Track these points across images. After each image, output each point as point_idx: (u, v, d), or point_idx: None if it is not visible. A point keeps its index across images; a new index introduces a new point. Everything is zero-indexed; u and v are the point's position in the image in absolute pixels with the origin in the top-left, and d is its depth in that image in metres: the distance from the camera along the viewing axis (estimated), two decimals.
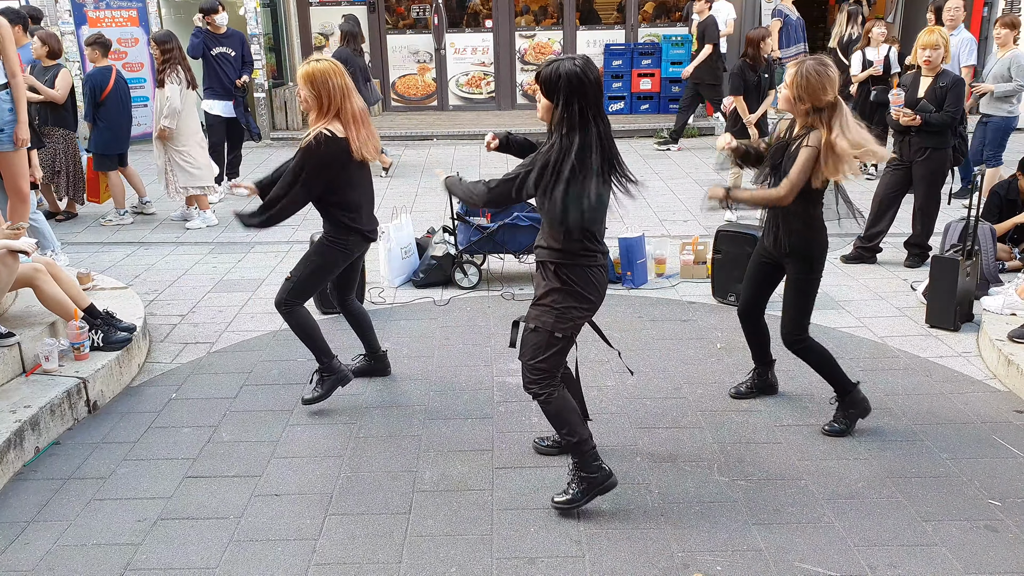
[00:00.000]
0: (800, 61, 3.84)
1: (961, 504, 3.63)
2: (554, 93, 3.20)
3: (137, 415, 4.52)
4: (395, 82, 14.12)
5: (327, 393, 4.48)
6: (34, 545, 3.46)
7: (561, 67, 3.18)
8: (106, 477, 3.94)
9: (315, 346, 4.42)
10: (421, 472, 3.93)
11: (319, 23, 13.84)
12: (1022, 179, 6.53)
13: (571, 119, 3.19)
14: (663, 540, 3.41)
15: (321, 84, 4.06)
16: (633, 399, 4.59)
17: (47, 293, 4.69)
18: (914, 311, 5.74)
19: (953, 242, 5.85)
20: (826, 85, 3.75)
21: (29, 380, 4.48)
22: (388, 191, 9.37)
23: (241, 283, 6.47)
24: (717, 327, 5.56)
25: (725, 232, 6.03)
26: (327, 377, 4.48)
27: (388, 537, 3.47)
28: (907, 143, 6.32)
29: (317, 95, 4.07)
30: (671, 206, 8.55)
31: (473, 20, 14.15)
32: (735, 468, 3.93)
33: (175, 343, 5.44)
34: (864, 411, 4.21)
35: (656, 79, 13.22)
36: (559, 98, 3.18)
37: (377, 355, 4.85)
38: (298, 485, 3.84)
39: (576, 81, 3.15)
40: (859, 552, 3.33)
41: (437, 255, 6.36)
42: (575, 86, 3.15)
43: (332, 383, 4.49)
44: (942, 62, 6.12)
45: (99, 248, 7.50)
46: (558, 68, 3.18)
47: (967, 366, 4.96)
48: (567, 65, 3.18)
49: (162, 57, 7.65)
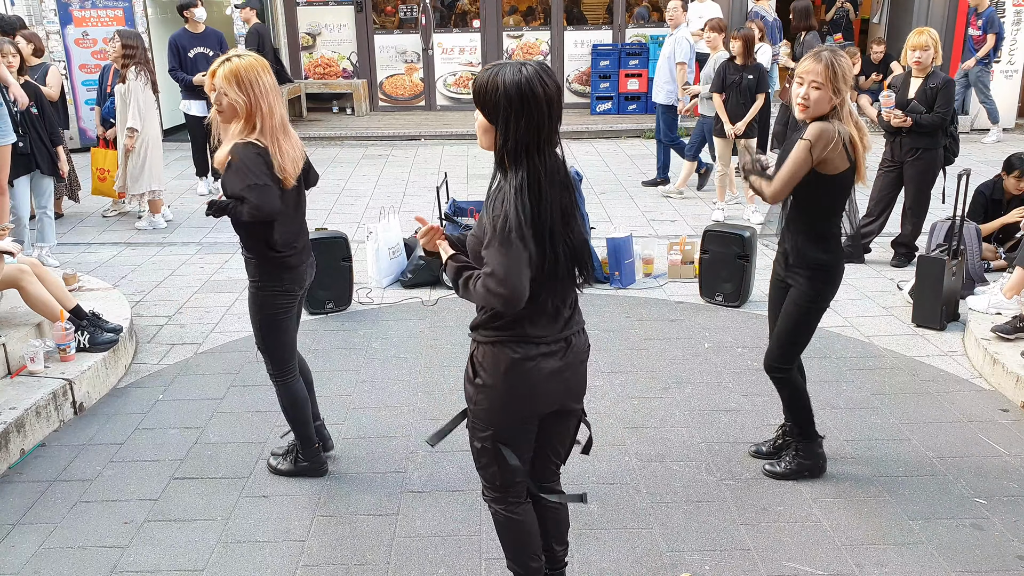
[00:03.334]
0: (815, 57, 3.42)
1: (948, 502, 3.65)
2: (492, 110, 2.36)
3: (123, 416, 4.49)
4: (383, 82, 14.10)
5: (290, 472, 3.91)
6: (20, 548, 3.43)
7: (501, 75, 2.33)
8: (92, 479, 3.92)
9: (297, 430, 3.85)
10: (410, 473, 3.92)
11: (306, 23, 13.80)
12: (1007, 179, 6.57)
13: (514, 150, 2.36)
14: (651, 540, 3.42)
15: (250, 85, 3.33)
16: (621, 399, 4.59)
17: (32, 294, 4.66)
18: (900, 310, 5.77)
19: (939, 242, 5.89)
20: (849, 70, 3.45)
21: (14, 382, 4.44)
22: (376, 191, 9.36)
23: (228, 284, 6.44)
24: (705, 327, 5.57)
25: (713, 232, 6.04)
26: (300, 462, 3.90)
27: (376, 538, 3.46)
28: (898, 144, 6.35)
29: (248, 99, 3.33)
30: (659, 206, 8.57)
31: (461, 20, 14.15)
32: (723, 468, 3.93)
33: (162, 344, 5.41)
34: (816, 470, 3.83)
35: (644, 79, 13.23)
36: (498, 118, 2.35)
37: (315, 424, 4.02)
38: (286, 486, 3.83)
39: (519, 96, 2.31)
40: (847, 551, 3.34)
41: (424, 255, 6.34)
42: (517, 103, 2.31)
43: (301, 469, 3.90)
44: (932, 63, 6.15)
45: (85, 248, 7.45)
46: (496, 76, 2.33)
47: (953, 365, 4.99)
48: (509, 73, 2.32)
49: (122, 52, 7.53)
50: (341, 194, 9.27)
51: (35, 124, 6.59)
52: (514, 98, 2.31)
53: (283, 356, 3.71)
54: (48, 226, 6.91)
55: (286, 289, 3.60)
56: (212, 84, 3.41)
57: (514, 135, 2.34)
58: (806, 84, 3.43)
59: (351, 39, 13.82)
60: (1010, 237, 6.58)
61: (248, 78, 3.33)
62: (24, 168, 6.54)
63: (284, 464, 3.93)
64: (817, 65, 3.39)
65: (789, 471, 3.84)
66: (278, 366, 3.71)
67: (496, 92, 2.33)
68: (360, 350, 5.26)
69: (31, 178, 6.69)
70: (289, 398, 3.76)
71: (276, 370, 3.72)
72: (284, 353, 3.71)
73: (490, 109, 2.36)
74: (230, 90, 3.32)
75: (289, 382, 3.74)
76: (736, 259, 5.85)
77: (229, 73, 3.33)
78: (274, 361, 3.70)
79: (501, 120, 2.34)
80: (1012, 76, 12.05)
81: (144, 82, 7.61)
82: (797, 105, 3.48)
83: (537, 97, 2.32)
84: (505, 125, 2.34)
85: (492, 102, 2.34)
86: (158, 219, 8.06)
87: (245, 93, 3.32)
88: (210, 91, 3.45)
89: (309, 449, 3.88)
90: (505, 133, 2.34)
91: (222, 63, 3.38)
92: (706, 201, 8.57)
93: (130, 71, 7.50)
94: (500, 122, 2.34)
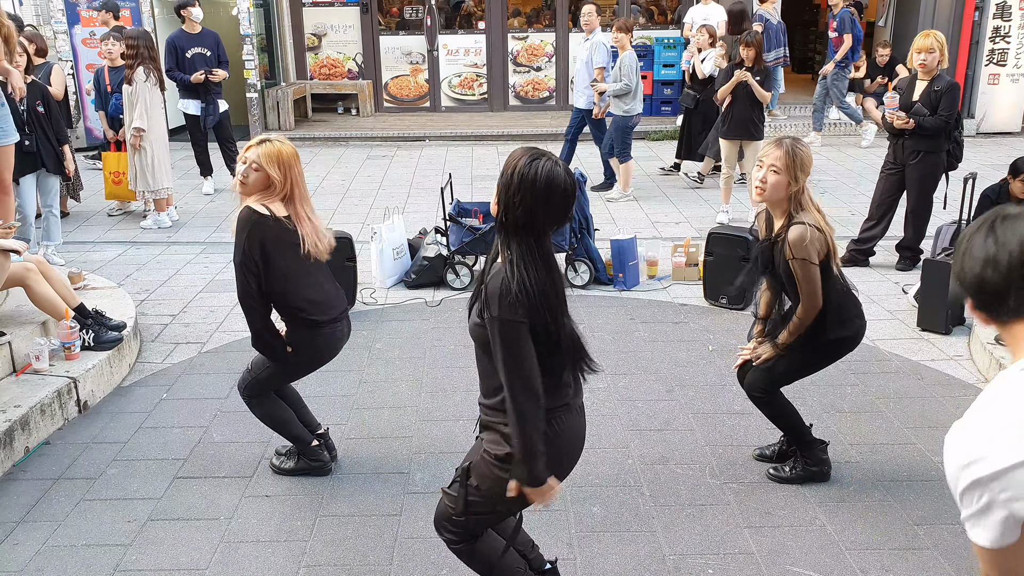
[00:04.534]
0: (776, 143, 3.44)
1: (952, 508, 3.61)
2: (504, 188, 2.38)
3: (127, 415, 4.50)
4: (388, 83, 14.11)
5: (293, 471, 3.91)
6: (23, 546, 3.44)
7: (528, 161, 2.36)
8: (96, 477, 3.92)
9: (287, 435, 3.86)
10: (412, 474, 3.92)
11: (312, 24, 13.82)
12: (1013, 183, 6.55)
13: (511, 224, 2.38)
14: (654, 543, 3.41)
15: (288, 168, 3.49)
16: (625, 401, 4.59)
17: (38, 292, 4.67)
18: (906, 314, 5.76)
19: (944, 246, 5.88)
20: (808, 160, 3.44)
21: (19, 380, 4.45)
22: (380, 192, 9.37)
23: (232, 283, 6.40)
24: (709, 329, 5.56)
25: (717, 234, 6.04)
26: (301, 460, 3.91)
27: (379, 539, 3.46)
28: (901, 146, 6.34)
29: (284, 179, 3.48)
30: (663, 207, 8.56)
31: (466, 22, 14.15)
32: (727, 471, 3.93)
33: (166, 343, 5.42)
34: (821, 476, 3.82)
35: (648, 81, 13.23)
36: (501, 192, 2.38)
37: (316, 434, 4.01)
38: (289, 486, 3.83)
39: (529, 184, 2.33)
40: (850, 556, 3.33)
41: (429, 256, 6.35)
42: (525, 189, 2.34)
43: (302, 467, 3.91)
44: (938, 66, 6.13)
45: (91, 247, 7.47)
46: (522, 160, 2.37)
47: (958, 369, 4.97)
48: (536, 163, 2.35)
49: (128, 52, 7.56)
50: (346, 195, 9.28)
51: (41, 122, 6.61)
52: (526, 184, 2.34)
53: (269, 387, 3.78)
54: (54, 225, 6.92)
55: (315, 349, 3.71)
56: (243, 157, 3.50)
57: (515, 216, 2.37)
58: (765, 168, 3.43)
59: (356, 40, 13.83)
60: None
61: (287, 161, 3.49)
62: (30, 167, 6.56)
63: (288, 463, 3.93)
64: (777, 151, 3.40)
65: (795, 476, 3.83)
66: (252, 394, 3.76)
67: (512, 173, 2.36)
68: (363, 350, 5.26)
69: (37, 176, 6.71)
70: (261, 412, 3.80)
71: (252, 392, 3.76)
72: (271, 387, 3.79)
73: (505, 187, 2.38)
74: (269, 167, 3.45)
75: (256, 403, 3.79)
76: (740, 262, 5.83)
77: (272, 153, 3.46)
78: (256, 386, 3.75)
79: (506, 198, 2.38)
80: (1018, 80, 12.03)
81: (153, 82, 7.63)
82: (755, 188, 3.47)
83: (547, 194, 2.35)
84: (509, 204, 2.37)
85: (508, 183, 2.37)
86: (163, 217, 8.07)
87: (283, 173, 3.48)
88: (240, 161, 3.53)
89: (308, 448, 3.88)
90: (507, 211, 2.38)
91: (260, 143, 3.50)
92: (711, 203, 8.56)
93: (138, 72, 7.51)
94: (505, 198, 2.38)
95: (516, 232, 2.38)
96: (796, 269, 3.43)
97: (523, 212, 2.35)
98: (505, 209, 2.38)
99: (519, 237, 2.37)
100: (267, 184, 3.48)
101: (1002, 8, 11.77)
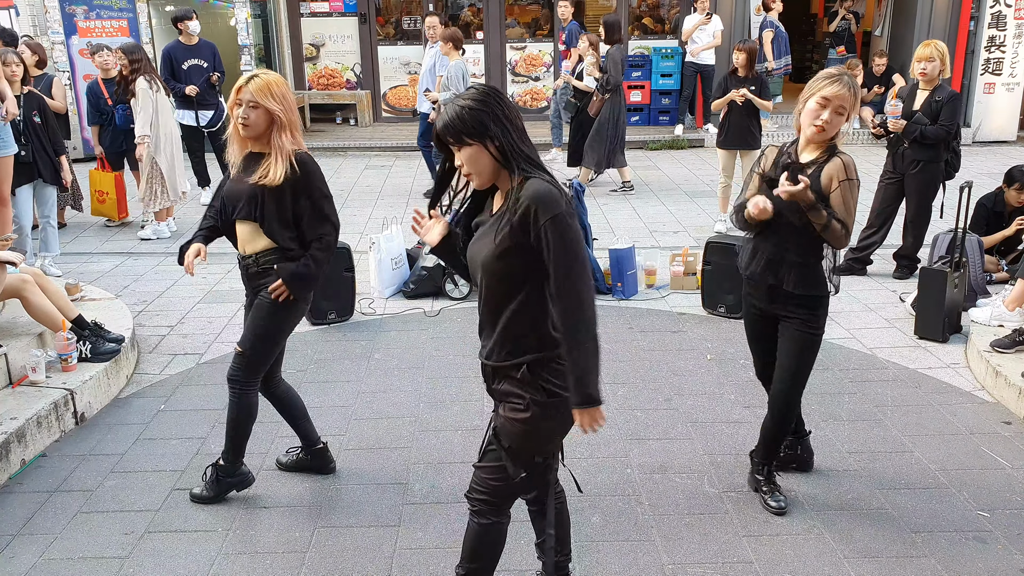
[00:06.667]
0: (834, 80, 3.33)
1: (950, 515, 3.64)
2: (474, 128, 2.45)
3: (125, 427, 4.49)
4: (386, 93, 14.13)
5: (218, 495, 3.80)
6: (20, 559, 3.42)
7: (456, 101, 2.46)
8: (93, 490, 3.91)
9: (237, 442, 3.74)
10: (411, 484, 3.91)
11: (310, 34, 13.84)
12: (1008, 192, 6.58)
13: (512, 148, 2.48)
14: (653, 552, 3.41)
15: (282, 96, 3.46)
16: (623, 410, 4.59)
17: (34, 304, 4.67)
18: (903, 322, 5.76)
19: (941, 254, 5.89)
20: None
21: (16, 392, 4.44)
22: (379, 202, 9.38)
23: (230, 294, 6.44)
24: (707, 338, 5.56)
25: (715, 243, 6.04)
26: (223, 479, 3.79)
27: (377, 550, 3.45)
28: (900, 156, 6.37)
29: (282, 107, 3.44)
30: (661, 217, 8.58)
31: (464, 31, 14.17)
32: (726, 479, 3.92)
33: (163, 354, 5.41)
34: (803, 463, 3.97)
35: (646, 91, 13.26)
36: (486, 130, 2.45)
37: (315, 449, 3.99)
38: (287, 498, 3.82)
39: (484, 101, 2.46)
40: (849, 564, 3.33)
41: (427, 266, 6.35)
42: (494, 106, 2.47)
43: (227, 486, 3.80)
44: (939, 75, 6.16)
45: (88, 258, 7.47)
46: (454, 103, 2.47)
47: (955, 377, 4.98)
48: (463, 97, 2.48)
49: (130, 67, 7.63)
50: (344, 205, 9.29)
51: (38, 133, 6.62)
52: (483, 106, 2.43)
53: (265, 364, 3.68)
54: (51, 235, 6.92)
55: (306, 297, 3.67)
56: (237, 99, 3.43)
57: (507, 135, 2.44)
58: (830, 108, 3.34)
59: (355, 50, 13.86)
60: (1012, 249, 6.58)
61: (280, 91, 3.44)
62: (26, 177, 6.56)
63: (205, 491, 3.79)
64: (844, 91, 3.31)
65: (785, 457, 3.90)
66: (253, 372, 3.64)
67: (464, 112, 2.41)
68: (362, 361, 5.25)
69: (34, 187, 6.71)
70: (247, 409, 3.67)
71: (248, 376, 3.63)
72: (267, 362, 3.70)
73: (472, 128, 2.42)
74: (267, 101, 3.39)
75: (250, 392, 3.66)
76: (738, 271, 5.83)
77: (265, 85, 3.40)
78: (252, 367, 3.63)
79: (491, 128, 2.42)
80: (1014, 89, 12.08)
81: (156, 88, 7.68)
82: (814, 127, 3.37)
83: (500, 95, 2.48)
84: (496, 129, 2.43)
85: (470, 122, 2.42)
86: (163, 227, 8.09)
87: (279, 103, 3.43)
88: (233, 107, 3.46)
89: (238, 462, 3.78)
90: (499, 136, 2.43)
91: (249, 79, 3.43)
92: (708, 212, 8.57)
93: (140, 81, 7.56)
94: (491, 130, 2.42)
95: (516, 153, 2.44)
96: (846, 192, 3.37)
97: (511, 129, 2.44)
98: (500, 142, 2.43)
99: (520, 155, 2.44)
100: (269, 120, 3.43)
101: (997, 18, 11.83)
